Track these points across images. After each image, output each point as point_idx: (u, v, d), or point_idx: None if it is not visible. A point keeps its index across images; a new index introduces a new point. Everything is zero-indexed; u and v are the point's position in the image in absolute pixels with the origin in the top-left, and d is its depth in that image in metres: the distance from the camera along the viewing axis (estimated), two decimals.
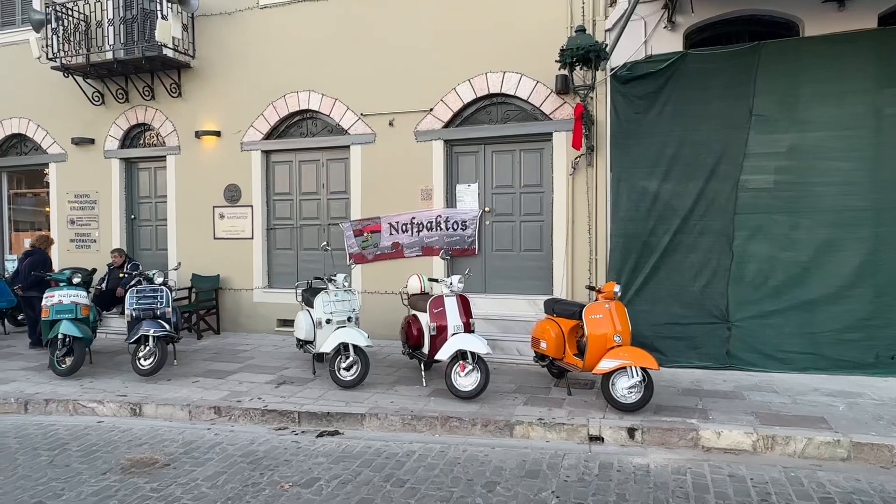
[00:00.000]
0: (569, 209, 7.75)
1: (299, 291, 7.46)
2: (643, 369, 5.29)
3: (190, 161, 9.66)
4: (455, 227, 8.32)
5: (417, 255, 8.47)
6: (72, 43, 9.57)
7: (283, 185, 9.40)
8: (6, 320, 9.65)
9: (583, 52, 6.40)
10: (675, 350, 6.92)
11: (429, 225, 8.41)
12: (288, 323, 8.82)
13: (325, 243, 7.98)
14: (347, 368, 6.26)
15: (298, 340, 7.18)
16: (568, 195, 7.74)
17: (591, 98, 7.36)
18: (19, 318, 9.66)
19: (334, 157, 9.08)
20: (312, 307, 6.79)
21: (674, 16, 7.07)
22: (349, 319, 6.62)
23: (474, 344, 5.75)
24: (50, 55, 9.53)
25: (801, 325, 6.62)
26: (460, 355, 5.81)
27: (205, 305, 9.23)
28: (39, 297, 7.35)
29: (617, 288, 5.72)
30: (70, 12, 9.53)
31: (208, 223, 9.59)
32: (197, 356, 7.84)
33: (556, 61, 6.81)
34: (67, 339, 6.80)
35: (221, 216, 9.53)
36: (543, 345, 6.15)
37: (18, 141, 10.88)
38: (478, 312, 7.02)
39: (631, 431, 5.01)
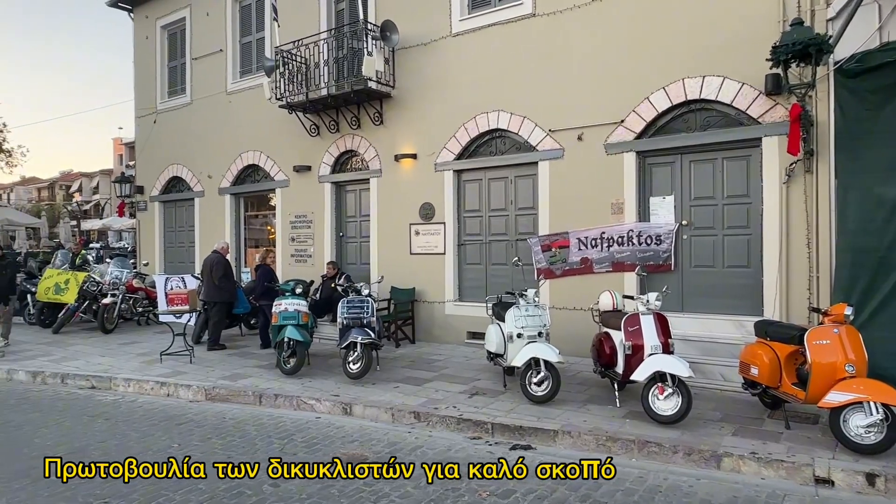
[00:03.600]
0: (782, 221, 6.98)
1: (490, 305, 7.67)
2: (885, 406, 4.56)
3: (389, 182, 10.49)
4: (648, 241, 7.94)
5: (607, 271, 8.24)
6: (294, 83, 11.00)
7: (473, 203, 9.78)
8: (242, 324, 11.27)
9: (801, 47, 5.80)
10: None
11: (619, 240, 8.13)
12: (477, 335, 9.11)
13: (516, 258, 8.10)
14: (538, 383, 6.27)
15: (489, 353, 7.38)
16: (781, 205, 6.99)
17: (810, 97, 6.60)
18: (252, 322, 11.22)
19: (522, 174, 9.23)
20: (503, 321, 6.92)
21: None
22: (539, 334, 6.61)
23: (675, 366, 5.42)
24: (278, 95, 11.04)
25: None
26: (658, 377, 5.52)
27: (402, 316, 9.91)
28: (269, 304, 8.49)
29: (848, 310, 5.00)
30: (294, 57, 10.96)
31: (405, 239, 10.31)
32: (396, 363, 8.42)
33: (766, 60, 6.25)
34: (291, 343, 7.74)
35: (417, 233, 10.19)
36: (754, 371, 5.58)
37: (252, 170, 12.75)
38: (675, 332, 6.57)
39: (870, 477, 4.33)
